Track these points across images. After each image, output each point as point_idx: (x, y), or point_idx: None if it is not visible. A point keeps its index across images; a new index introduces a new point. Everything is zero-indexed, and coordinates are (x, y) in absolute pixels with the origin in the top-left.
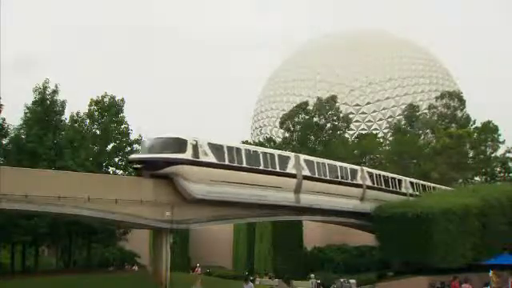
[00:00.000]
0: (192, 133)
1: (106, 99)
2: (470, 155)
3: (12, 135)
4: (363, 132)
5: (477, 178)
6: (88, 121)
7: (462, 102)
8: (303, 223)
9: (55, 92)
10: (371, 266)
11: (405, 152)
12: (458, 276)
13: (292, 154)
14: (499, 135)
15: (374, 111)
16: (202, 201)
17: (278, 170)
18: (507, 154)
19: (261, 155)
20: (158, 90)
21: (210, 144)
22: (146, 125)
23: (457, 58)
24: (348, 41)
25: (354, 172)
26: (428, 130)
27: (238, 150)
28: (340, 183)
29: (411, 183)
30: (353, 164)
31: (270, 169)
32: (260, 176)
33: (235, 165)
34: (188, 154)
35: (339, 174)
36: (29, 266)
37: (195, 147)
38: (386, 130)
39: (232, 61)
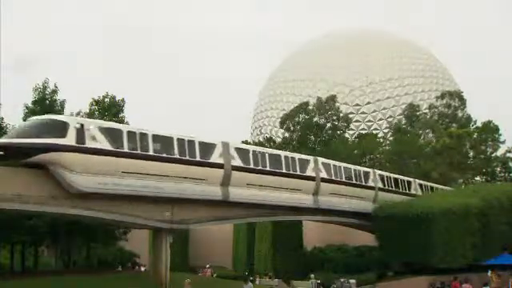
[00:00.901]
0: (192, 133)
1: (107, 99)
2: (471, 155)
3: None
4: (363, 132)
5: (477, 178)
6: None
7: (462, 101)
8: (303, 223)
9: (55, 92)
10: (371, 266)
11: (405, 152)
12: (459, 276)
13: (219, 142)
14: (500, 135)
15: (374, 111)
16: (201, 200)
17: (198, 159)
18: (507, 154)
19: (175, 142)
20: (158, 90)
21: (102, 128)
22: (146, 125)
23: (457, 58)
24: (348, 41)
25: (303, 163)
26: (428, 130)
27: (144, 135)
28: (285, 175)
29: (381, 176)
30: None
31: (186, 158)
32: (173, 166)
33: (138, 152)
34: (69, 139)
35: (284, 165)
36: (28, 266)
37: (80, 131)
38: (386, 130)
39: (232, 61)
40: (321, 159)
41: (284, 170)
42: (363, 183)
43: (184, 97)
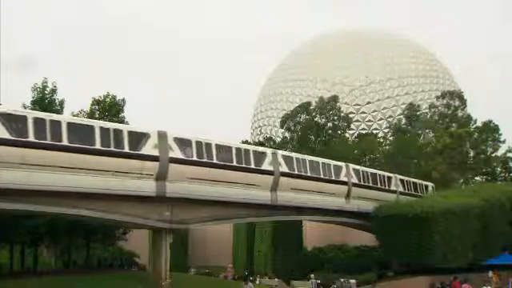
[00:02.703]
0: (191, 133)
1: (108, 99)
2: (471, 155)
3: None
4: (363, 132)
5: (477, 178)
6: None
7: (462, 101)
8: (303, 223)
9: (54, 91)
10: (371, 266)
11: (405, 151)
12: (459, 276)
13: None
14: (500, 135)
15: (375, 111)
16: (201, 200)
17: None
18: (508, 154)
19: None
20: (158, 90)
21: None
22: (145, 125)
23: (457, 58)
24: (348, 40)
25: (138, 138)
26: (428, 130)
27: None
28: (99, 153)
29: (286, 158)
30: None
31: None
32: None
33: None
34: None
35: (98, 140)
36: (28, 266)
37: None
38: (386, 130)
39: (232, 61)
40: (172, 134)
41: (99, 147)
42: (252, 167)
43: (184, 96)
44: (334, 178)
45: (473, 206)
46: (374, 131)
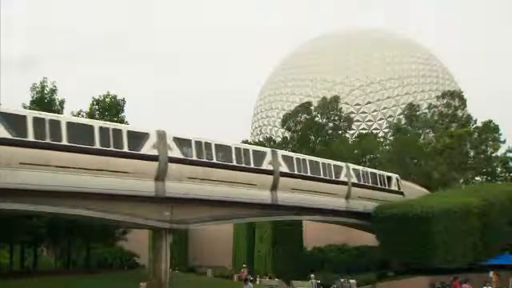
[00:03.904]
0: (191, 133)
1: (108, 99)
2: (471, 155)
3: None
4: (364, 132)
5: (477, 178)
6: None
7: (462, 101)
8: (303, 223)
9: (53, 91)
10: (371, 266)
11: (405, 152)
12: (459, 276)
13: None
14: (500, 135)
15: (375, 111)
16: (201, 200)
17: None
18: (508, 154)
19: None
20: (158, 90)
21: None
22: (146, 125)
23: (457, 58)
24: (348, 40)
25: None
26: (428, 130)
27: None
28: None
29: (179, 142)
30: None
31: None
32: None
33: None
34: None
35: None
36: (27, 266)
37: None
38: (386, 130)
39: (232, 61)
40: (33, 113)
41: None
42: (126, 150)
43: (184, 97)
44: (252, 167)
45: (473, 206)
46: (374, 131)
